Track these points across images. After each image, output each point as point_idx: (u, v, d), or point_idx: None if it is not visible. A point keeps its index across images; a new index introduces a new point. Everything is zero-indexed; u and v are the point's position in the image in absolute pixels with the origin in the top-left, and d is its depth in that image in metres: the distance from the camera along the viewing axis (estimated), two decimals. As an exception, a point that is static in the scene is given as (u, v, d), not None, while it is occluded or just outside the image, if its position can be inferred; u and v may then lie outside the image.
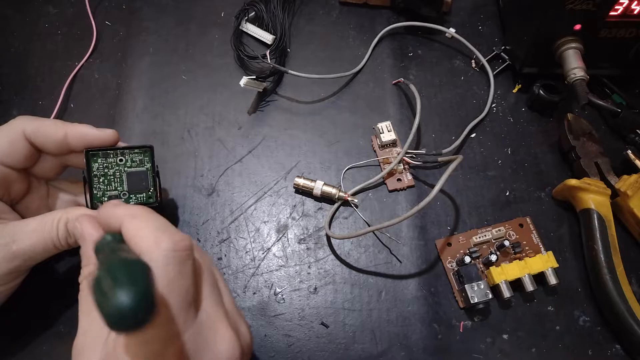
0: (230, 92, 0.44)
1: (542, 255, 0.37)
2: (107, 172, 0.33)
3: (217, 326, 0.24)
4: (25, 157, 0.30)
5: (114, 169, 0.33)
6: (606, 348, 0.35)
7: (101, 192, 0.33)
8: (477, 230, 0.39)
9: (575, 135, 0.41)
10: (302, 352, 0.35)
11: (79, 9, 0.47)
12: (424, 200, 0.33)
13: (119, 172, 0.33)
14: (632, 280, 0.37)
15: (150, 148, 0.34)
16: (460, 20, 0.49)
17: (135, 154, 0.33)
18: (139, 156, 0.33)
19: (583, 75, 0.39)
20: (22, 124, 0.30)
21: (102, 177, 0.33)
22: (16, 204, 0.32)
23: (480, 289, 0.35)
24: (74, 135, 0.31)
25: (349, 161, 0.42)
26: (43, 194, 0.33)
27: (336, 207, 0.40)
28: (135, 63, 0.45)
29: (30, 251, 0.29)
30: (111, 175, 0.33)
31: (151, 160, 0.34)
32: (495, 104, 0.45)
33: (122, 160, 0.33)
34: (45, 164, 0.32)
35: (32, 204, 0.32)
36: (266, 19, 0.46)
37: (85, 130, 0.31)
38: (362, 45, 0.47)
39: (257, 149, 0.42)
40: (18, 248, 0.28)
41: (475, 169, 0.42)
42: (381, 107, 0.44)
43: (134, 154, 0.33)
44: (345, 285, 0.37)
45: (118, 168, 0.33)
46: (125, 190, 0.33)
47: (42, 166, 0.32)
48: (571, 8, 0.38)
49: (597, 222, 0.37)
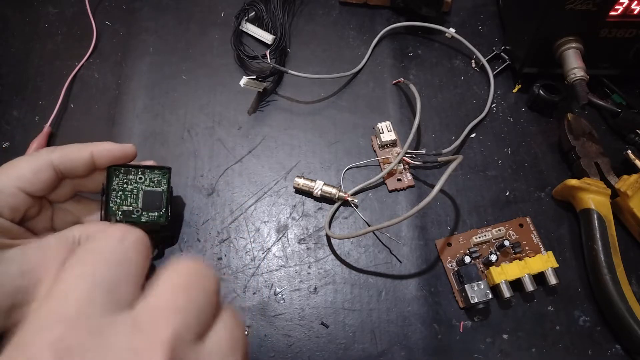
0: (230, 92, 0.44)
1: (542, 255, 0.37)
2: (125, 188, 0.34)
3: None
4: (48, 185, 0.31)
5: (132, 186, 0.34)
6: (606, 348, 0.35)
7: (116, 205, 0.34)
8: (477, 230, 0.39)
9: (575, 135, 0.41)
10: (302, 352, 0.35)
11: (79, 9, 0.47)
12: (424, 200, 0.33)
13: (136, 189, 0.34)
14: (632, 280, 0.37)
15: (169, 170, 0.35)
16: (460, 20, 0.49)
17: (155, 174, 0.35)
18: (157, 176, 0.35)
19: (583, 75, 0.39)
20: (48, 154, 0.31)
21: (120, 192, 0.34)
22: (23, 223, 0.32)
23: (480, 289, 0.35)
24: (100, 152, 0.32)
25: (349, 161, 0.42)
26: (49, 216, 0.33)
27: (336, 207, 0.40)
28: (135, 63, 0.45)
29: None
30: (129, 191, 0.34)
31: (168, 182, 0.35)
32: (495, 104, 0.45)
33: (142, 179, 0.34)
34: (61, 189, 0.33)
35: (38, 225, 0.32)
36: (266, 19, 0.46)
37: (109, 146, 0.32)
38: (362, 45, 0.47)
39: (257, 149, 0.42)
40: None
41: (475, 169, 0.42)
42: (381, 107, 0.44)
43: (154, 174, 0.35)
44: (345, 285, 0.37)
45: (136, 185, 0.34)
46: (139, 207, 0.34)
47: (58, 192, 0.33)
48: (571, 8, 0.37)
49: (597, 222, 0.37)
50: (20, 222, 0.31)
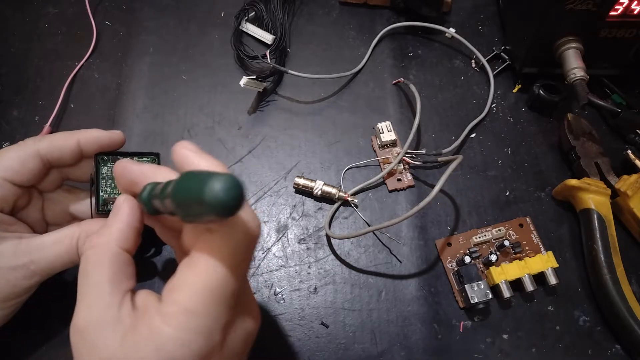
0: (230, 92, 0.44)
1: (542, 255, 0.37)
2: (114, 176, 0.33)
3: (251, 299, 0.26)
4: (35, 175, 0.31)
5: None
6: (606, 348, 0.35)
7: (107, 194, 0.33)
8: (477, 230, 0.39)
9: (575, 135, 0.41)
10: (302, 352, 0.35)
11: (79, 9, 0.47)
12: (424, 200, 0.33)
13: None
14: (632, 280, 0.37)
15: (157, 155, 0.34)
16: (460, 20, 0.49)
17: (144, 160, 0.34)
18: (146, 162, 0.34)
19: (583, 75, 0.39)
20: (34, 143, 0.31)
21: (109, 180, 0.33)
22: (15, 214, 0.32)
23: (480, 289, 0.35)
24: (86, 140, 0.32)
25: (349, 161, 0.42)
26: (40, 206, 0.33)
27: (336, 207, 0.40)
28: (135, 63, 0.45)
29: (49, 269, 0.29)
30: None
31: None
32: (495, 104, 0.45)
33: None
34: (49, 178, 0.33)
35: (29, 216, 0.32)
36: (266, 19, 0.46)
37: (96, 133, 0.32)
38: (362, 45, 0.47)
39: (257, 149, 0.42)
40: (37, 267, 0.29)
41: (475, 169, 0.42)
42: (381, 107, 0.44)
43: (142, 160, 0.34)
44: (345, 285, 0.37)
45: None
46: None
47: (46, 181, 0.33)
48: (571, 8, 0.38)
49: (597, 222, 0.37)
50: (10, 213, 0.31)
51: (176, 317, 0.21)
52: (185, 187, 0.19)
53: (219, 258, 0.21)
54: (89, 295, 0.23)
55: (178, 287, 0.21)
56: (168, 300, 0.21)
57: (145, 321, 0.21)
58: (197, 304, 0.21)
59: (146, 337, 0.21)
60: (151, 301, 0.23)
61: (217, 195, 0.17)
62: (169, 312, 0.21)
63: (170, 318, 0.21)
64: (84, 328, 0.22)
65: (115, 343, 0.21)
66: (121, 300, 0.23)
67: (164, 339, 0.20)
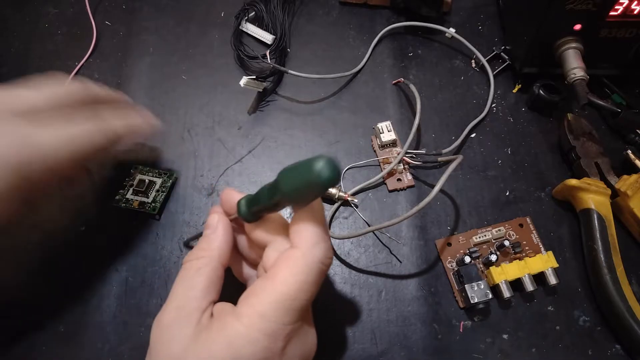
0: (230, 92, 0.44)
1: (542, 255, 0.37)
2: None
3: (312, 326, 0.28)
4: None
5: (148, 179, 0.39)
6: (606, 348, 0.35)
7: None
8: (477, 230, 0.39)
9: (575, 135, 0.41)
10: (302, 352, 0.35)
11: (79, 9, 0.47)
12: (424, 200, 0.33)
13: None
14: (632, 280, 0.37)
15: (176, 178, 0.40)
16: (460, 20, 0.49)
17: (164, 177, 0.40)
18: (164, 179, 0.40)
19: (583, 75, 0.39)
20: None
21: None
22: None
23: (480, 289, 0.35)
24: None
25: (349, 161, 0.42)
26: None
27: (336, 207, 0.40)
28: (135, 63, 0.45)
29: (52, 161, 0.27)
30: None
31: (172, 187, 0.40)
32: (495, 104, 0.45)
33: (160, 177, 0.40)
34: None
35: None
36: (266, 19, 0.46)
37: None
38: (362, 45, 0.47)
39: (257, 149, 0.42)
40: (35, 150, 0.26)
41: (475, 169, 0.42)
42: (381, 107, 0.44)
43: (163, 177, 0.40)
44: (345, 285, 0.37)
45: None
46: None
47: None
48: (571, 8, 0.38)
49: (597, 222, 0.37)
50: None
51: (249, 317, 0.23)
52: (291, 178, 0.23)
53: (295, 272, 0.24)
54: (181, 297, 0.26)
55: (255, 294, 0.24)
56: (243, 304, 0.24)
57: (219, 320, 0.24)
58: (269, 309, 0.23)
59: (219, 332, 0.24)
60: (227, 307, 0.26)
61: (322, 171, 0.21)
62: (243, 313, 0.24)
63: (244, 317, 0.24)
64: (167, 324, 0.25)
65: (190, 339, 0.24)
66: (206, 307, 0.25)
67: (235, 335, 0.23)
